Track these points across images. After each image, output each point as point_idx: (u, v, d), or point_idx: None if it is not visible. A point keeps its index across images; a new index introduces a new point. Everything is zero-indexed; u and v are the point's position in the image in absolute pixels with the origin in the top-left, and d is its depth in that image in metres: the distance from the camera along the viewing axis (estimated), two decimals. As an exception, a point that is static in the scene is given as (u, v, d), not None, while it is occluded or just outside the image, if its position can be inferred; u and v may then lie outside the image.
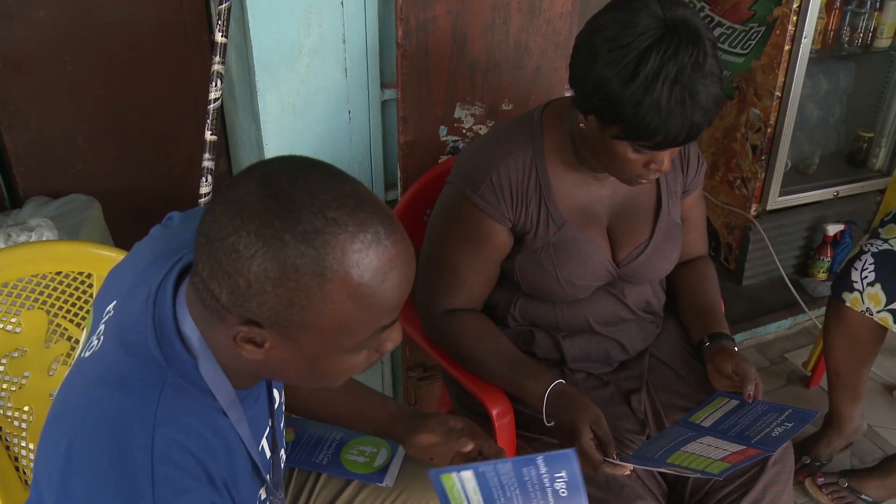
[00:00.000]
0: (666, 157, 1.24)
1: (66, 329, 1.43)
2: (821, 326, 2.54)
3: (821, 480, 2.14)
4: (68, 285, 1.42)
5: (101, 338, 0.91)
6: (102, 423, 0.82)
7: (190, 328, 0.86)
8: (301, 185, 0.77)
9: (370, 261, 0.77)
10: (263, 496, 1.05)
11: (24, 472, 1.41)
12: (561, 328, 1.48)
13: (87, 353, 0.91)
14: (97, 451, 0.81)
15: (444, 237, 1.43)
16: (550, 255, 1.39)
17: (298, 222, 0.76)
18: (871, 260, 1.90)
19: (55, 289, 1.41)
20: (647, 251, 1.44)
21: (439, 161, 1.79)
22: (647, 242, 1.45)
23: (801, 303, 2.67)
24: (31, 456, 1.41)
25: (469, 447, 1.14)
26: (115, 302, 0.95)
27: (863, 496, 2.09)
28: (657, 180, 1.46)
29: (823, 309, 2.70)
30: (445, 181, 1.45)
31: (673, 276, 1.58)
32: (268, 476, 1.02)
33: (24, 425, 1.41)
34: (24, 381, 1.40)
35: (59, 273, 1.42)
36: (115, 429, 0.81)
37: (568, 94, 1.52)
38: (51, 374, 1.42)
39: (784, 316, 2.77)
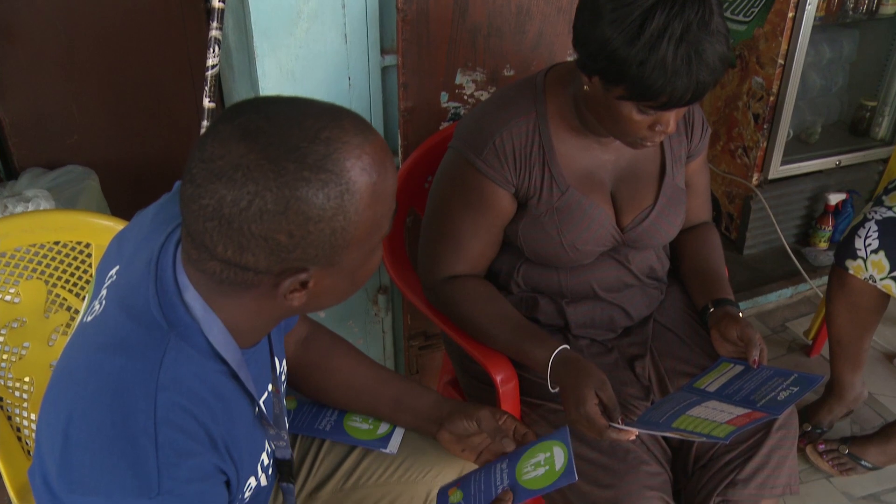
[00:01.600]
0: (672, 118, 1.23)
1: (65, 299, 1.42)
2: (822, 295, 2.54)
3: (821, 447, 2.14)
4: (66, 255, 1.41)
5: (103, 302, 0.90)
6: (104, 387, 0.81)
7: (193, 297, 0.86)
8: (281, 122, 0.78)
9: (371, 158, 0.81)
10: (267, 461, 1.05)
11: (27, 443, 1.41)
12: (565, 294, 1.47)
13: (89, 318, 0.91)
14: (99, 415, 0.80)
15: (446, 203, 1.42)
16: (554, 221, 1.38)
17: (305, 156, 0.77)
18: (874, 227, 1.89)
19: (53, 258, 1.40)
20: (652, 216, 1.43)
21: (440, 128, 1.77)
22: (651, 208, 1.43)
23: (803, 272, 2.66)
24: (33, 426, 1.40)
25: (512, 448, 1.16)
26: (117, 267, 0.94)
27: (863, 462, 2.10)
28: (661, 145, 1.45)
29: (825, 278, 2.72)
30: (447, 147, 1.44)
31: (677, 242, 1.57)
32: (269, 431, 1.02)
33: (25, 396, 1.40)
34: (24, 352, 1.39)
35: (57, 243, 1.41)
36: (117, 393, 0.80)
37: (570, 58, 1.50)
38: (50, 344, 1.41)
39: (785, 285, 2.77)
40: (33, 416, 1.40)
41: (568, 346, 1.32)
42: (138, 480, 0.78)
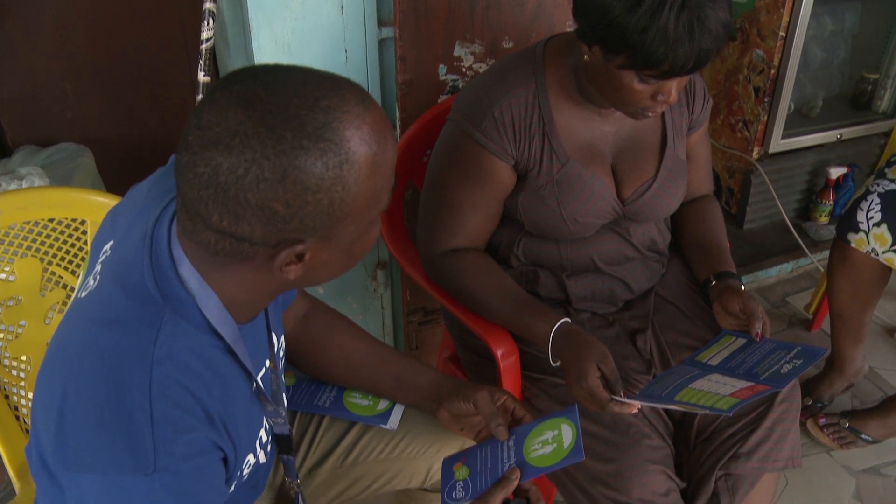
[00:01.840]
0: (673, 87, 1.21)
1: (60, 277, 1.41)
2: (823, 270, 2.53)
3: (822, 421, 2.14)
4: (62, 232, 1.40)
5: (98, 277, 0.89)
6: (99, 363, 0.80)
7: (188, 270, 0.84)
8: (280, 90, 0.76)
9: (371, 129, 0.79)
10: (265, 438, 1.04)
11: (24, 422, 1.40)
12: (565, 268, 1.45)
13: (84, 294, 0.89)
14: (94, 391, 0.79)
15: (445, 176, 1.40)
16: (554, 193, 1.36)
17: (304, 124, 0.75)
18: (877, 200, 1.87)
19: (48, 236, 1.39)
20: (653, 189, 1.42)
21: (438, 101, 1.75)
22: (652, 180, 1.42)
23: (803, 246, 2.65)
24: (31, 405, 1.39)
25: (504, 437, 1.14)
26: (111, 242, 0.93)
27: (863, 436, 2.11)
28: (662, 117, 1.43)
29: (825, 252, 2.71)
30: (445, 120, 1.42)
31: (678, 214, 1.56)
32: (268, 407, 1.01)
33: (22, 374, 1.39)
34: (20, 331, 1.38)
35: (51, 220, 1.39)
36: (111, 369, 0.79)
37: (570, 29, 1.47)
38: (47, 322, 1.40)
39: (785, 259, 2.76)
40: (31, 395, 1.39)
41: (569, 320, 1.31)
42: (134, 457, 0.77)
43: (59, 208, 1.40)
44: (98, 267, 0.91)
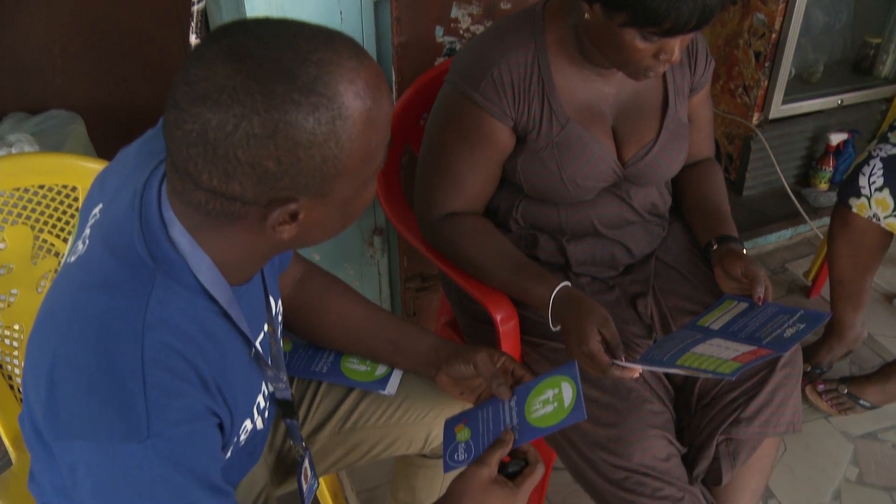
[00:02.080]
0: (676, 46, 1.18)
1: (52, 245, 1.39)
2: (822, 237, 2.52)
3: (821, 387, 2.14)
4: (52, 199, 1.37)
5: (87, 241, 0.87)
6: (89, 328, 0.78)
7: (179, 232, 0.82)
8: (270, 43, 0.73)
9: (365, 83, 0.77)
10: (263, 404, 1.03)
11: (18, 391, 1.39)
12: (565, 231, 1.44)
13: (73, 258, 0.87)
14: (84, 357, 0.77)
15: (442, 138, 1.37)
16: (554, 155, 1.34)
17: (295, 78, 0.72)
18: (879, 165, 1.85)
19: (39, 203, 1.36)
20: (654, 151, 1.39)
21: (435, 63, 1.72)
22: (653, 142, 1.40)
23: (803, 213, 2.63)
24: (22, 373, 1.38)
25: (507, 395, 1.12)
26: (100, 205, 0.90)
27: (861, 402, 2.11)
28: (664, 78, 1.41)
29: (825, 219, 2.70)
30: (443, 82, 1.39)
31: (679, 178, 1.54)
32: (268, 372, 1.00)
33: (15, 344, 1.38)
34: (11, 299, 1.36)
35: (42, 187, 1.37)
36: (102, 334, 0.77)
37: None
38: (39, 290, 1.38)
39: (785, 226, 2.74)
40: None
41: (569, 283, 1.29)
42: (126, 423, 0.75)
43: (49, 174, 1.37)
44: (87, 231, 0.89)
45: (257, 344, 0.97)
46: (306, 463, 1.19)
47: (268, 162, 0.73)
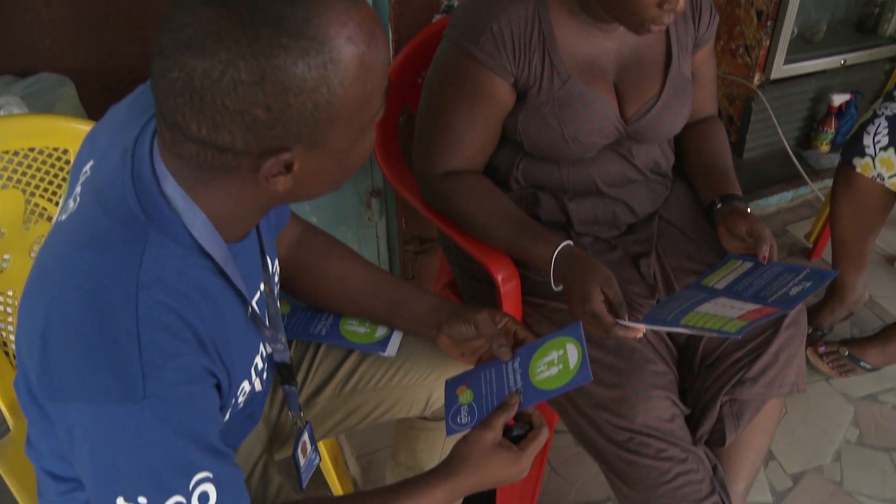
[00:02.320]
0: None
1: (44, 209, 1.36)
2: (823, 199, 2.50)
3: (822, 349, 2.14)
4: (44, 162, 1.35)
5: (78, 199, 0.84)
6: (81, 287, 0.75)
7: (172, 187, 0.79)
8: None
9: (358, 26, 0.74)
10: (261, 365, 1.01)
11: (13, 358, 1.37)
12: (566, 190, 1.41)
13: (64, 217, 0.85)
14: (77, 317, 0.75)
15: (441, 95, 1.34)
16: (555, 111, 1.31)
17: (282, 20, 0.69)
18: (884, 124, 1.83)
19: (30, 166, 1.34)
20: (657, 107, 1.37)
21: (433, 20, 1.69)
22: (656, 98, 1.37)
23: (804, 174, 2.61)
24: (15, 335, 1.36)
25: (508, 356, 1.10)
26: (91, 163, 0.88)
27: (862, 363, 2.10)
28: (667, 33, 1.38)
29: (826, 181, 2.67)
30: (440, 40, 1.36)
31: (681, 136, 1.52)
32: (265, 332, 0.98)
33: (9, 310, 1.36)
34: (4, 265, 1.34)
35: (32, 149, 1.34)
36: (95, 293, 0.75)
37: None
38: (32, 255, 1.35)
39: (786, 188, 2.72)
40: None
41: (571, 242, 1.27)
42: (122, 384, 0.73)
43: (40, 137, 1.34)
44: (78, 189, 0.86)
45: (254, 303, 0.95)
46: (305, 436, 1.17)
47: (257, 109, 0.71)
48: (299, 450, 1.16)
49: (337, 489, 1.68)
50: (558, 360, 1.05)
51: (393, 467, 1.49)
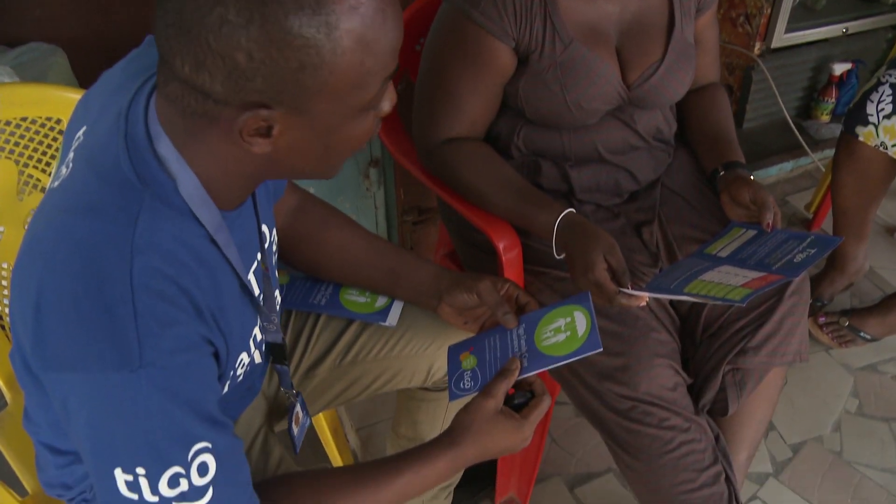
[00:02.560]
0: None
1: (38, 180, 1.34)
2: (823, 169, 2.49)
3: (822, 320, 2.14)
4: (36, 132, 1.32)
5: (70, 165, 0.82)
6: (74, 253, 0.74)
7: (165, 147, 0.77)
8: None
9: (368, 1, 0.71)
10: (259, 336, 0.99)
11: (8, 332, 1.36)
12: (568, 157, 1.39)
13: (56, 183, 0.83)
14: (71, 285, 0.73)
15: (441, 60, 1.32)
16: (557, 77, 1.29)
17: None
18: (888, 91, 1.81)
19: (22, 136, 1.31)
20: (660, 72, 1.35)
21: (431, -14, 1.65)
22: (659, 63, 1.35)
23: (804, 145, 2.59)
24: (9, 306, 1.35)
25: (513, 324, 1.09)
26: (84, 128, 0.85)
27: (862, 334, 2.10)
28: (669, -4, 1.35)
29: (826, 151, 2.66)
30: (438, 7, 1.33)
31: (684, 103, 1.49)
32: (261, 304, 0.96)
33: (4, 283, 1.34)
34: (-2, 237, 1.32)
35: (24, 119, 1.32)
36: (89, 259, 0.73)
37: None
38: (26, 227, 1.33)
39: (786, 158, 2.71)
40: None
41: (574, 210, 1.25)
42: (118, 353, 0.72)
43: (32, 106, 1.32)
44: (70, 155, 0.84)
45: (251, 273, 0.93)
46: (297, 408, 1.16)
47: (238, 54, 0.68)
48: (293, 422, 1.16)
49: (337, 461, 1.67)
50: (566, 328, 1.03)
51: (393, 439, 1.48)
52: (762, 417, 1.39)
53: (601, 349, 0.99)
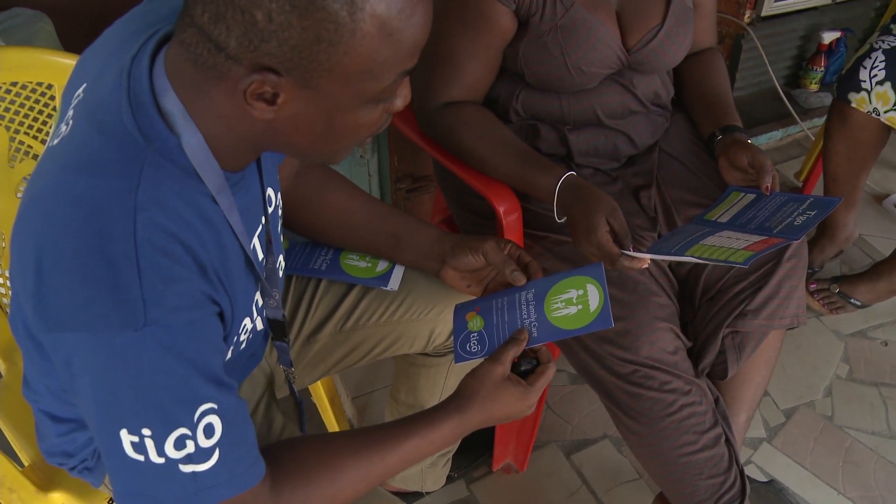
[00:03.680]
0: None
1: (30, 147, 1.32)
2: (813, 138, 2.49)
3: (812, 287, 2.15)
4: (27, 98, 1.29)
5: (70, 122, 0.80)
6: (76, 210, 0.72)
7: (171, 101, 0.75)
8: None
9: None
10: (261, 302, 0.98)
11: (3, 301, 1.34)
12: (567, 121, 1.38)
13: (56, 141, 0.80)
14: (73, 242, 0.71)
15: (440, 22, 1.27)
16: (558, 40, 1.28)
17: None
18: (881, 57, 1.81)
19: (13, 102, 1.29)
20: (660, 36, 1.34)
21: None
22: (659, 27, 1.34)
23: (794, 114, 2.59)
24: (9, 268, 1.33)
25: (523, 281, 1.07)
26: (84, 85, 0.83)
27: (852, 300, 2.12)
28: (668, -40, 1.34)
29: (815, 120, 2.66)
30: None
31: (681, 68, 1.49)
32: (262, 274, 0.95)
33: (-5, 253, 1.32)
34: (-10, 205, 1.30)
35: (14, 84, 1.29)
36: (91, 216, 0.71)
37: None
38: (18, 195, 1.31)
39: (775, 127, 2.71)
40: (8, 274, 1.32)
41: (574, 173, 1.24)
42: (121, 311, 0.70)
43: (22, 70, 1.29)
44: (70, 112, 0.82)
45: (255, 238, 0.92)
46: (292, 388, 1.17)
47: (258, 13, 0.66)
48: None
49: (334, 430, 1.67)
50: (577, 300, 1.02)
51: (392, 406, 1.48)
52: (761, 380, 1.40)
53: (612, 325, 0.98)
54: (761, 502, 1.61)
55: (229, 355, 0.91)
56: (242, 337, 0.94)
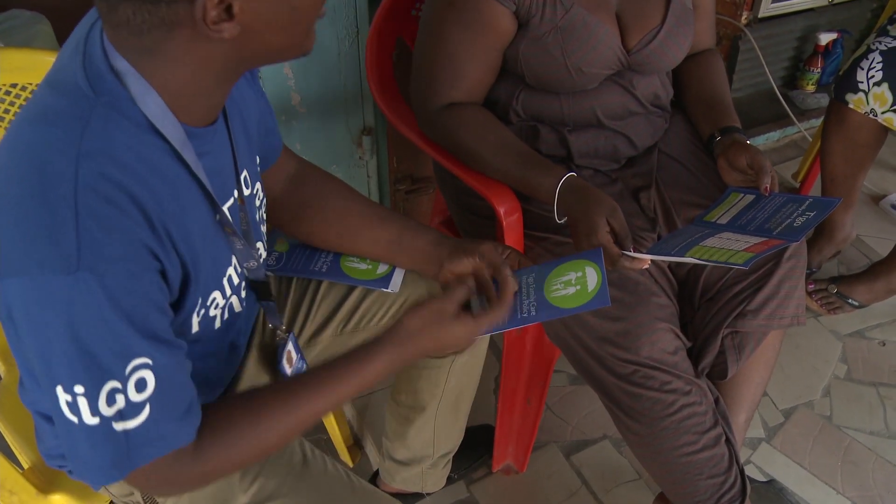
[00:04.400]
0: None
1: (27, 149, 1.31)
2: (810, 138, 2.50)
3: (810, 287, 2.15)
4: (27, 99, 1.29)
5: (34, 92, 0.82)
6: (24, 157, 0.74)
7: (122, 63, 0.76)
8: None
9: None
10: (237, 280, 0.97)
11: None
12: (567, 122, 1.39)
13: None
14: (17, 185, 0.73)
15: (440, 25, 1.30)
16: (558, 41, 1.28)
17: None
18: (878, 58, 1.81)
19: (12, 104, 1.29)
20: (660, 37, 1.34)
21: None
22: (659, 28, 1.34)
23: (791, 115, 2.60)
24: None
25: (514, 288, 1.07)
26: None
27: (850, 301, 2.12)
28: (668, -38, 1.34)
29: (812, 121, 2.67)
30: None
31: (680, 69, 1.49)
32: (236, 244, 0.94)
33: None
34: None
35: (14, 86, 1.29)
36: (36, 161, 0.73)
37: None
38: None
39: (773, 128, 2.72)
40: None
41: (575, 174, 1.24)
42: (56, 254, 0.71)
43: (21, 72, 1.29)
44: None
45: (225, 209, 0.91)
46: (290, 345, 1.14)
47: None
48: (284, 360, 1.14)
49: (334, 430, 1.68)
50: (576, 281, 1.03)
51: (393, 408, 1.48)
52: (760, 380, 1.40)
53: (610, 304, 0.99)
54: (761, 502, 1.61)
55: (197, 328, 0.90)
56: (213, 312, 0.93)
